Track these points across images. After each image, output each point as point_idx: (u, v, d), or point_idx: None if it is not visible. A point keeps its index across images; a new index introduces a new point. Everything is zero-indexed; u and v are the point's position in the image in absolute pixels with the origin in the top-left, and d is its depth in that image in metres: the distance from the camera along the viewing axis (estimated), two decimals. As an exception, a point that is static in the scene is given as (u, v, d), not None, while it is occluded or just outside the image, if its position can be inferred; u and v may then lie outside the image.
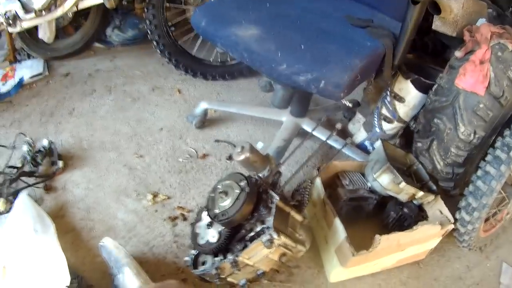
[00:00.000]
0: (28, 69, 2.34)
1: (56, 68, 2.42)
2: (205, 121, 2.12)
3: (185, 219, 1.65)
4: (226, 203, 1.16)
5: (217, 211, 1.17)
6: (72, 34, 2.52)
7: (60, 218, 1.59)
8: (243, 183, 1.18)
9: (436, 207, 1.55)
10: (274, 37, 1.43)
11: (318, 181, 1.53)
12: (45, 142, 1.81)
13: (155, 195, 1.72)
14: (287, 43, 1.41)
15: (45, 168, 1.76)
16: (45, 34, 2.27)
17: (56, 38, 2.37)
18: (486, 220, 1.64)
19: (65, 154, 1.85)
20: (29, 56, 2.41)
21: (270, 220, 1.15)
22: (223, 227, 1.20)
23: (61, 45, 2.47)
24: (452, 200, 1.62)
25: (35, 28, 2.24)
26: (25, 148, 1.77)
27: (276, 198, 1.19)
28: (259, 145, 1.36)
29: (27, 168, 1.72)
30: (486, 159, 1.47)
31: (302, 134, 1.60)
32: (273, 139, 1.82)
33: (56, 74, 2.37)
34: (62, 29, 2.45)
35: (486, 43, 1.47)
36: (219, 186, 1.22)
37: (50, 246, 1.41)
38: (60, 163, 1.77)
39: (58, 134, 1.96)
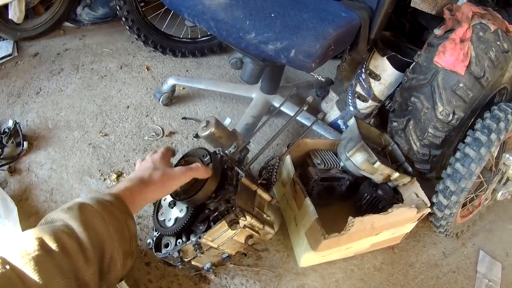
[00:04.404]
0: (-3, 50, 2.28)
1: (25, 48, 2.36)
2: (173, 98, 2.08)
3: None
4: (188, 180, 1.08)
5: (178, 188, 1.08)
6: (42, 13, 2.45)
7: (23, 201, 1.52)
8: (206, 159, 1.10)
9: (412, 189, 1.51)
10: (243, 4, 1.35)
11: (288, 159, 1.47)
12: (10, 123, 1.75)
13: (119, 175, 1.66)
14: (256, 10, 1.33)
15: (10, 150, 1.70)
16: (15, 14, 2.21)
17: (26, 18, 2.31)
18: (463, 205, 1.62)
19: (31, 135, 1.78)
20: (-1, 38, 2.35)
21: (234, 199, 1.08)
22: (186, 206, 1.12)
23: (31, 25, 2.40)
24: (428, 183, 1.59)
25: (5, 8, 2.19)
26: (-10, 130, 1.72)
27: (242, 175, 1.11)
28: (227, 121, 1.30)
29: (-9, 151, 1.66)
30: (465, 141, 1.43)
31: (273, 112, 1.53)
32: (242, 116, 1.78)
33: (25, 55, 2.30)
34: (32, 8, 2.38)
35: (467, 22, 1.44)
36: (182, 162, 1.13)
37: (12, 230, 1.36)
38: (25, 144, 1.71)
39: (24, 115, 1.89)
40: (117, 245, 0.76)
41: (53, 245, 0.66)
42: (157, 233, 1.20)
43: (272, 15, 1.31)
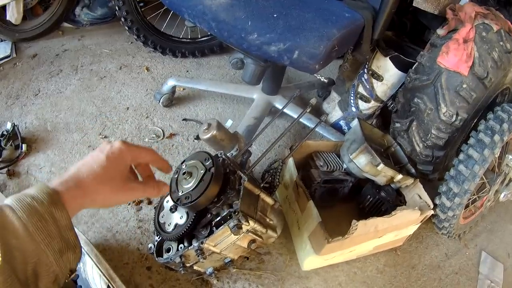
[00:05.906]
0: (-5, 52, 2.27)
1: (23, 50, 2.34)
2: (173, 99, 2.07)
3: (150, 202, 1.57)
4: (189, 185, 1.06)
5: (180, 193, 1.06)
6: (40, 14, 2.43)
7: (22, 204, 1.49)
8: (208, 163, 1.08)
9: (415, 191, 1.50)
10: (245, 5, 1.33)
11: (290, 162, 1.46)
12: (8, 126, 1.74)
13: (119, 178, 1.62)
14: (258, 11, 1.31)
15: (8, 152, 1.68)
16: (13, 15, 2.20)
17: (24, 19, 2.30)
18: (466, 207, 1.60)
19: (29, 137, 1.77)
20: (-3, 39, 2.33)
21: (237, 204, 1.06)
22: (188, 211, 1.10)
23: (29, 26, 2.39)
24: (431, 184, 1.58)
25: (3, 9, 2.18)
26: (-13, 133, 1.70)
27: (245, 179, 1.09)
28: (229, 123, 1.29)
29: (-10, 154, 1.65)
30: (468, 142, 1.42)
31: (275, 113, 1.52)
32: (244, 117, 1.76)
33: (24, 56, 2.29)
34: (30, 9, 2.37)
35: (471, 22, 1.43)
36: (183, 167, 1.12)
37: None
38: (24, 147, 1.69)
39: (23, 117, 1.87)
40: (42, 246, 0.65)
41: None
42: (159, 238, 1.18)
43: (275, 15, 1.29)
